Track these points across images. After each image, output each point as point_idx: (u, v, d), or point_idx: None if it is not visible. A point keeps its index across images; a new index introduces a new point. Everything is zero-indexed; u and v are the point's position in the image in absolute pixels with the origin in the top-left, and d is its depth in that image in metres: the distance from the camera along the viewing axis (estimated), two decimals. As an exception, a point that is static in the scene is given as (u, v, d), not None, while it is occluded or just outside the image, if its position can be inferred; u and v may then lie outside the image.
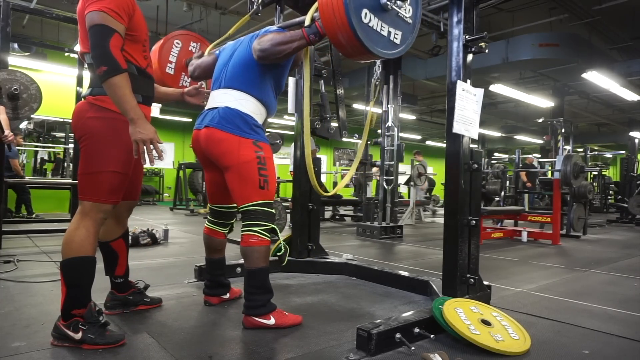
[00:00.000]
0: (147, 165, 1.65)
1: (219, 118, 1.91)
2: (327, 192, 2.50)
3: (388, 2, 1.71)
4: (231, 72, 2.00)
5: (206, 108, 2.04)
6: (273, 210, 1.95)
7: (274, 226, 1.92)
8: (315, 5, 1.78)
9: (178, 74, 2.63)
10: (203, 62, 2.24)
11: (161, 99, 2.22)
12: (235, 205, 2.18)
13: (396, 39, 1.82)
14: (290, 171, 5.71)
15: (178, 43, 2.62)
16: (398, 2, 1.75)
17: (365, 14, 1.65)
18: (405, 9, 1.82)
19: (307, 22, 1.85)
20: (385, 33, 1.76)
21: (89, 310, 1.64)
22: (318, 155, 5.34)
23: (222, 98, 1.97)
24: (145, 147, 1.58)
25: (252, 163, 1.88)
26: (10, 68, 3.79)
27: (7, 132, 3.36)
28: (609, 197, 12.68)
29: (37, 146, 8.59)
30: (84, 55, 1.73)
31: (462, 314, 1.82)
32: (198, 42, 2.71)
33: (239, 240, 1.93)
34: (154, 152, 1.61)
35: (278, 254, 2.02)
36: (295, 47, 1.82)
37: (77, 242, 1.63)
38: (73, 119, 1.76)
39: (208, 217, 2.28)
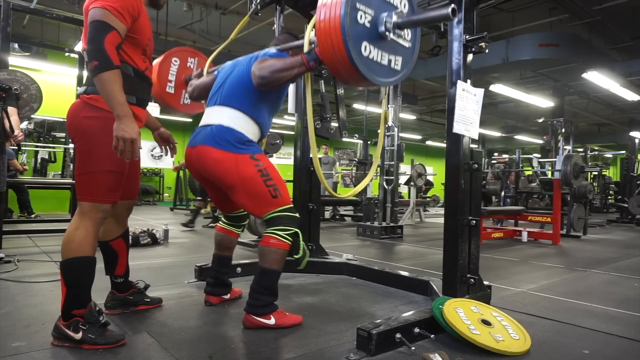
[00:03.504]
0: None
1: (212, 136, 1.89)
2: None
3: (387, 32, 1.65)
4: (228, 90, 1.99)
5: (200, 124, 2.02)
6: (297, 214, 1.93)
7: (297, 230, 1.90)
8: (311, 26, 1.73)
9: (178, 92, 2.62)
10: (202, 82, 2.23)
11: None
12: None
13: (397, 65, 1.77)
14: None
15: (176, 61, 2.61)
16: (397, 31, 1.69)
17: (365, 46, 1.60)
18: (404, 34, 1.77)
19: (305, 47, 1.81)
20: (385, 62, 1.71)
21: (89, 310, 1.64)
22: (317, 156, 5.32)
23: (216, 115, 1.95)
24: (125, 146, 1.56)
25: (255, 178, 1.86)
26: (10, 68, 3.79)
27: (17, 132, 3.40)
28: (609, 197, 12.67)
29: (37, 146, 8.58)
30: (85, 52, 1.72)
31: (462, 314, 1.82)
32: (195, 57, 2.70)
33: (244, 241, 1.92)
34: (136, 151, 1.60)
35: (296, 256, 1.98)
36: (295, 74, 1.79)
37: (76, 242, 1.63)
38: (67, 118, 1.75)
39: (222, 218, 2.30)
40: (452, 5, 1.51)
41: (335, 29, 1.52)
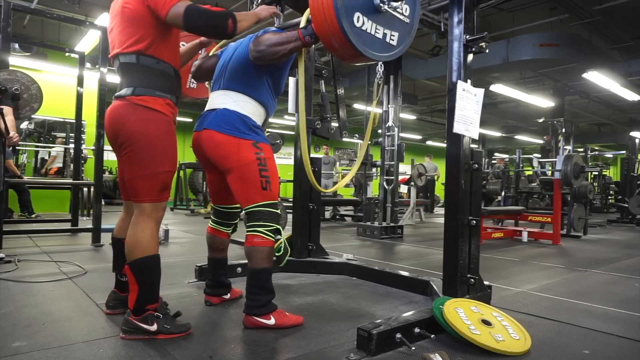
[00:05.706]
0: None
1: (217, 120, 1.92)
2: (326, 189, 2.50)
3: (382, 4, 1.65)
4: (230, 72, 2.01)
5: (205, 109, 2.05)
6: (278, 211, 1.95)
7: (278, 226, 1.92)
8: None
9: (185, 75, 2.63)
10: (205, 63, 2.25)
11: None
12: (238, 205, 2.18)
13: (392, 40, 1.77)
14: None
15: (184, 45, 2.63)
16: (392, 3, 1.69)
17: (358, 17, 1.60)
18: (401, 9, 1.77)
19: (302, 24, 1.83)
20: (380, 35, 1.71)
21: (161, 303, 1.75)
22: (318, 155, 5.32)
23: (221, 99, 1.97)
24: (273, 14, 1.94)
25: (253, 165, 1.88)
26: (11, 68, 3.79)
27: (12, 133, 3.37)
28: (610, 197, 12.67)
29: (37, 146, 8.58)
30: (114, 59, 1.76)
31: (462, 314, 1.82)
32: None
33: (241, 240, 1.93)
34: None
35: (277, 254, 1.99)
36: (290, 49, 1.81)
37: (144, 243, 1.71)
38: (114, 122, 1.74)
39: (212, 217, 2.29)
40: None
41: None
